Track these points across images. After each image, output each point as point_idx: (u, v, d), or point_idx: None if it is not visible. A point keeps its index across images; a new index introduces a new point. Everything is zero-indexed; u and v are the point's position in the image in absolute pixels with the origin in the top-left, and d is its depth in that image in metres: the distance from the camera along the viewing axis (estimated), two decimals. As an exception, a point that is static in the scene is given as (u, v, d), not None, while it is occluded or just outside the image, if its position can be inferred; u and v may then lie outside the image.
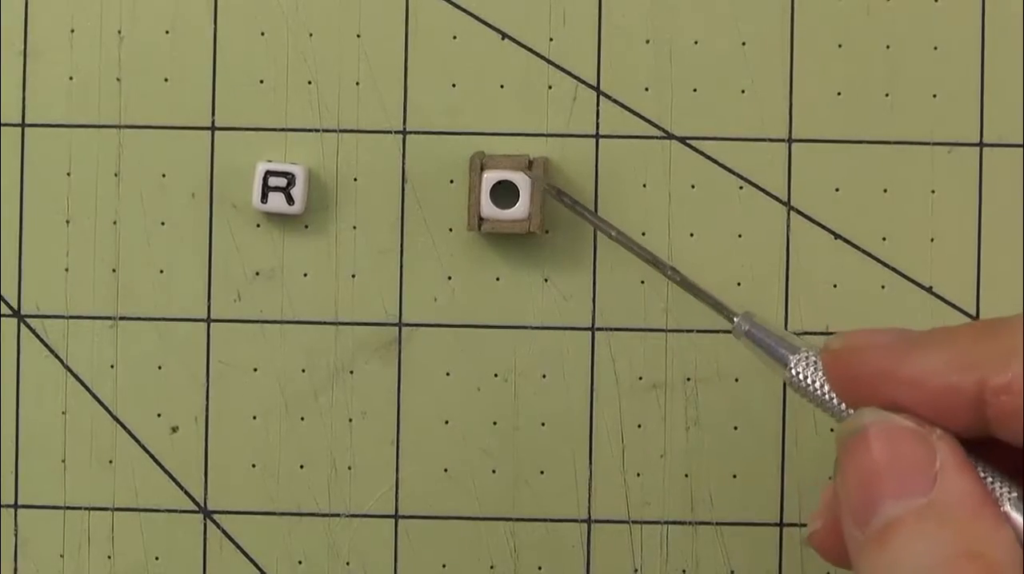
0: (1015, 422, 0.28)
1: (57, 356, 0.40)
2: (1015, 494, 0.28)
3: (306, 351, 0.40)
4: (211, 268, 0.40)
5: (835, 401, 0.31)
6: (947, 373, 0.29)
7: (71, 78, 0.40)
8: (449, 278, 0.40)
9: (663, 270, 0.37)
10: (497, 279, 0.40)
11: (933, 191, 0.39)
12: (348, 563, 0.40)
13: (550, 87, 0.40)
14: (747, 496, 0.40)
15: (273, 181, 0.39)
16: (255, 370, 0.40)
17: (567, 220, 0.39)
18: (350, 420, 0.40)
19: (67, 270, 0.40)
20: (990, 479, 0.29)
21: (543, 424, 0.40)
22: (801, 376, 0.32)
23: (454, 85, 0.40)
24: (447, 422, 0.40)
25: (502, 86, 0.39)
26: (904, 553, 0.27)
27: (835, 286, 0.39)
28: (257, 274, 0.40)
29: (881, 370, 0.30)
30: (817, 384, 0.32)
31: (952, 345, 0.29)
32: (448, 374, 0.40)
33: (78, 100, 0.40)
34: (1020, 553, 0.27)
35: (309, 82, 0.40)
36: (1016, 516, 0.28)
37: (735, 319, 0.34)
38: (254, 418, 0.40)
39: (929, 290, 0.39)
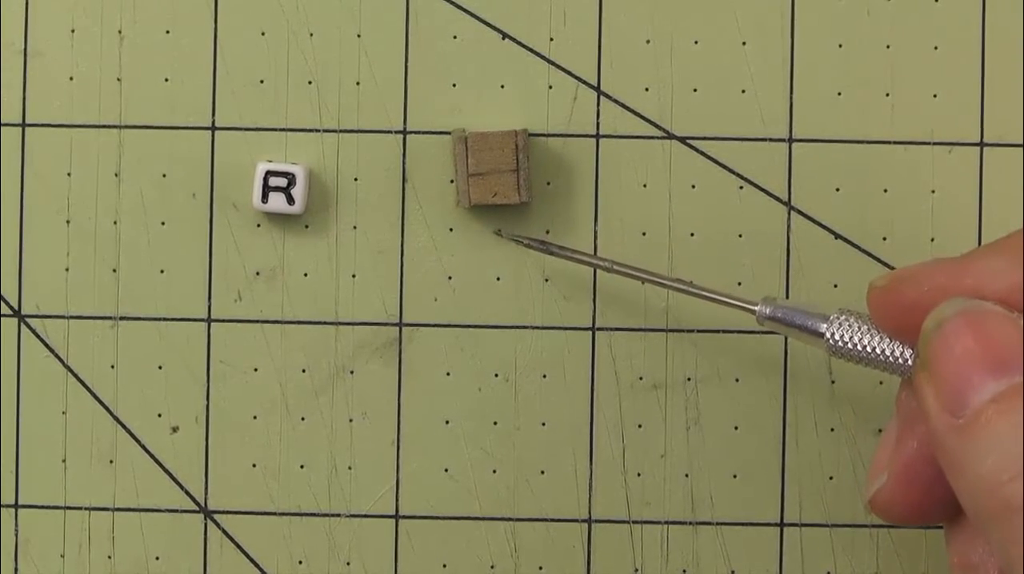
0: None
1: (57, 356, 0.40)
2: None
3: (306, 351, 0.40)
4: (211, 268, 0.40)
5: (882, 350, 0.32)
6: (1011, 271, 0.30)
7: (71, 78, 0.40)
8: (449, 278, 0.40)
9: (665, 284, 0.37)
10: (497, 279, 0.40)
11: (933, 191, 0.39)
12: (348, 563, 0.40)
13: (550, 87, 0.40)
14: (747, 496, 0.40)
15: (273, 181, 0.39)
16: (255, 370, 0.40)
17: (567, 220, 0.39)
18: (350, 420, 0.40)
19: (67, 270, 0.40)
20: None
21: (543, 424, 0.40)
22: (839, 338, 0.32)
23: (454, 85, 0.40)
24: (447, 422, 0.40)
25: (502, 86, 0.39)
26: (1008, 430, 0.27)
27: (835, 286, 0.39)
28: (257, 274, 0.40)
29: (939, 286, 0.30)
30: (857, 340, 0.32)
31: (1010, 248, 0.30)
32: (448, 374, 0.40)
33: (78, 100, 0.40)
34: None
35: (309, 82, 0.40)
36: None
37: (756, 308, 0.34)
38: (254, 418, 0.40)
39: (929, 290, 0.40)
